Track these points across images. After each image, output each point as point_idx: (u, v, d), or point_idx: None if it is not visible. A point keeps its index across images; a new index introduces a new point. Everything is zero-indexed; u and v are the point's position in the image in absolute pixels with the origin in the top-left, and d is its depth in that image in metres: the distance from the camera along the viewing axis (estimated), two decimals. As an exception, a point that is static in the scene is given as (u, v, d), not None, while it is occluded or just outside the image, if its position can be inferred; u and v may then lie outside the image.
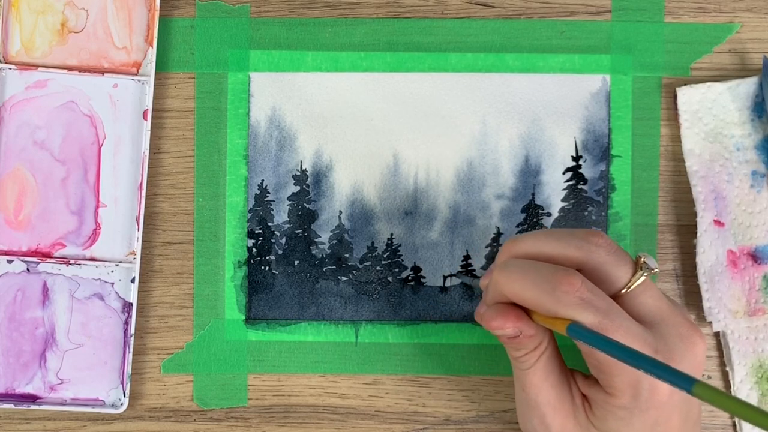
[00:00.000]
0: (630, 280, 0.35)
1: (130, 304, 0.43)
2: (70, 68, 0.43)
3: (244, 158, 0.44)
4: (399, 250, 0.44)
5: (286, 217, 0.44)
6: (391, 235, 0.44)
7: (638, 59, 0.44)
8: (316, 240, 0.44)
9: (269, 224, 0.44)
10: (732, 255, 0.43)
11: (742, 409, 0.26)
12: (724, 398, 0.27)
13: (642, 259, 0.35)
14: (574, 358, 0.38)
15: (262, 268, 0.44)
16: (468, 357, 0.44)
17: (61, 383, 0.44)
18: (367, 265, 0.44)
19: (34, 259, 0.43)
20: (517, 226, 0.44)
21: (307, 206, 0.44)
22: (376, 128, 0.44)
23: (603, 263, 0.35)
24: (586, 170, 0.44)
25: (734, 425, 0.44)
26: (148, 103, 0.43)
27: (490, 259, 0.44)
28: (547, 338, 0.37)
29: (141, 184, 0.43)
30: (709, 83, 0.43)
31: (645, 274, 0.35)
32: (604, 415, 0.36)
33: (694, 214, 0.43)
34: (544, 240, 0.36)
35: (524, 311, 0.36)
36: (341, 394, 0.44)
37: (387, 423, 0.44)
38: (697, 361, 0.35)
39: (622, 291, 0.35)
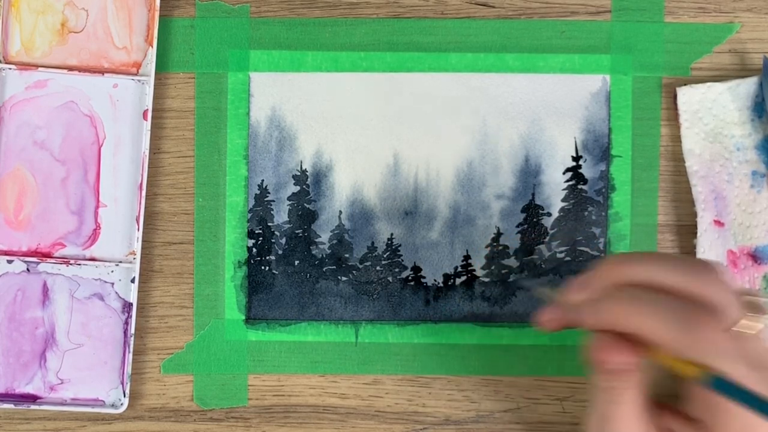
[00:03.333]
0: (740, 320, 0.32)
1: (130, 304, 0.43)
2: (70, 68, 0.43)
3: (244, 158, 0.44)
4: (399, 250, 0.44)
5: (286, 217, 0.44)
6: (391, 235, 0.44)
7: (638, 59, 0.44)
8: (316, 240, 0.44)
9: (269, 224, 0.44)
10: (732, 255, 0.43)
11: None
12: None
13: (756, 300, 0.32)
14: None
15: (262, 268, 0.44)
16: (468, 357, 0.44)
17: (61, 383, 0.44)
18: (367, 265, 0.44)
19: (34, 259, 0.43)
20: (517, 226, 0.44)
21: (307, 206, 0.44)
22: (376, 128, 0.44)
23: (720, 300, 0.32)
24: (586, 170, 0.44)
25: None
26: (148, 103, 0.43)
27: (490, 259, 0.44)
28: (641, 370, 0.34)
29: (141, 184, 0.43)
30: (709, 83, 0.43)
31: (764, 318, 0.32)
32: None
33: (694, 214, 0.43)
34: (657, 267, 0.33)
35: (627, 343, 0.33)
36: (341, 394, 0.44)
37: (387, 423, 0.44)
38: None
39: (730, 330, 0.32)
